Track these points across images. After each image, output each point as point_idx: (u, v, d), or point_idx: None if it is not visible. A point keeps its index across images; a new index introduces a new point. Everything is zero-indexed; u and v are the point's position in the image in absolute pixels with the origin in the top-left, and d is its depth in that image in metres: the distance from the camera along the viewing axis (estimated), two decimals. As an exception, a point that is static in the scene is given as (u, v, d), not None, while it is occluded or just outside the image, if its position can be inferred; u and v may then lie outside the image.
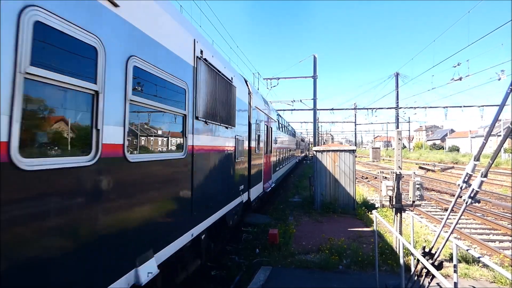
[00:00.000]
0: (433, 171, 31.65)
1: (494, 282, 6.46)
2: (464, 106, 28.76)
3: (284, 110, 27.65)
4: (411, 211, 7.00)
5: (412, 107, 31.52)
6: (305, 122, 56.26)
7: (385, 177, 11.18)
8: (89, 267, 2.44)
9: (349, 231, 9.66)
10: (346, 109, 35.35)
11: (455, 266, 3.90)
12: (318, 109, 22.22)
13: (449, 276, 6.29)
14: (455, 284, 3.73)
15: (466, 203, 3.58)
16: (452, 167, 35.16)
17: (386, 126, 64.00)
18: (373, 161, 49.77)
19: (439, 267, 4.02)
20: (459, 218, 3.88)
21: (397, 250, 7.37)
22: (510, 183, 20.40)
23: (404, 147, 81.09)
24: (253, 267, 7.11)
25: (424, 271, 4.40)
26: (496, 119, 3.55)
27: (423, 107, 30.81)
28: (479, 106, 27.81)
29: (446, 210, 13.52)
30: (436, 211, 13.61)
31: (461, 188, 3.73)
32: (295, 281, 6.32)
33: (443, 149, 79.03)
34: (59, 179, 2.15)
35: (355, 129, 54.88)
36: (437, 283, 4.84)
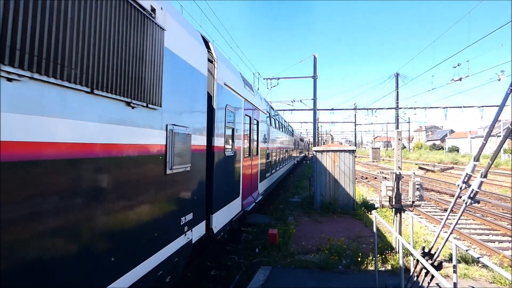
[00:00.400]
0: (432, 171, 31.67)
1: (494, 283, 6.46)
2: (464, 107, 28.76)
3: (284, 110, 27.65)
4: (411, 211, 7.01)
5: (412, 108, 31.51)
6: (305, 122, 56.27)
7: (385, 178, 11.19)
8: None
9: (348, 231, 9.67)
10: (346, 109, 35.37)
11: (454, 266, 3.91)
12: (318, 109, 22.18)
13: (448, 276, 6.30)
14: (455, 284, 3.74)
15: (466, 203, 3.58)
16: (452, 168, 35.19)
17: (386, 126, 64.04)
18: (373, 162, 49.80)
19: (438, 267, 4.03)
20: (459, 219, 3.89)
21: (397, 250, 7.38)
22: (509, 183, 20.41)
23: (404, 147, 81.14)
24: (253, 267, 7.12)
25: (424, 271, 4.41)
26: (496, 119, 3.55)
27: (423, 108, 30.80)
28: (479, 107, 27.81)
29: (445, 210, 13.54)
30: (436, 212, 13.62)
31: (460, 188, 3.73)
32: (295, 281, 6.33)
33: (443, 149, 79.04)
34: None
35: (355, 129, 54.85)
36: (437, 283, 4.85)
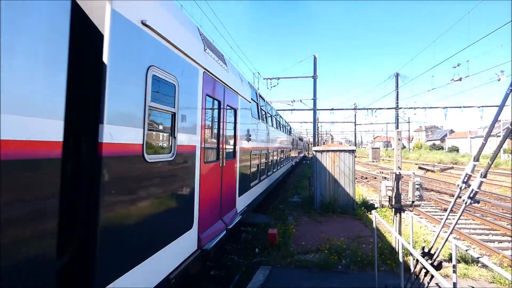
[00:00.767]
0: (432, 171, 31.68)
1: (493, 283, 6.47)
2: (464, 107, 28.75)
3: (284, 110, 27.64)
4: (411, 211, 7.01)
5: (412, 108, 31.51)
6: (305, 122, 56.25)
7: (385, 177, 11.19)
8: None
9: (348, 231, 9.67)
10: (346, 109, 35.35)
11: (454, 266, 3.90)
12: (318, 109, 22.18)
13: (448, 276, 6.30)
14: (454, 284, 3.73)
15: (466, 203, 3.58)
16: (452, 168, 35.19)
17: (386, 126, 64.11)
18: (373, 161, 49.79)
19: (438, 267, 4.03)
20: (459, 219, 3.89)
21: (397, 250, 7.37)
22: (509, 183, 20.42)
23: (404, 147, 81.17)
24: (253, 266, 7.12)
25: (423, 271, 4.41)
26: (496, 119, 3.55)
27: (423, 108, 30.80)
28: (479, 107, 27.80)
29: (445, 210, 13.54)
30: (436, 212, 13.62)
31: (460, 188, 3.74)
32: (294, 281, 6.33)
33: (443, 149, 79.05)
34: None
35: (355, 129, 54.83)
36: (436, 283, 4.84)
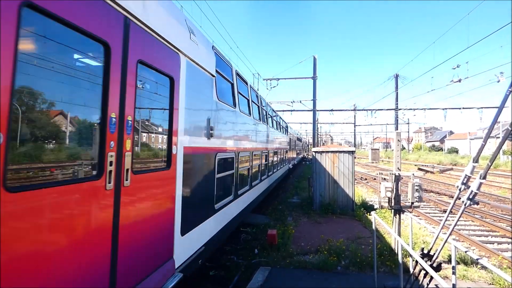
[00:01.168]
0: (432, 172, 31.70)
1: (492, 284, 6.47)
2: (463, 108, 28.78)
3: (284, 110, 27.63)
4: (410, 212, 7.01)
5: (411, 109, 31.56)
6: (305, 123, 56.25)
7: (384, 179, 11.19)
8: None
9: (347, 232, 9.67)
10: (346, 110, 35.36)
11: (453, 267, 3.90)
12: (317, 110, 22.21)
13: (447, 277, 6.30)
14: (454, 285, 3.73)
15: (465, 204, 3.58)
16: (451, 169, 35.21)
17: (385, 127, 64.15)
18: (372, 162, 49.80)
19: (437, 268, 4.03)
20: (458, 220, 3.89)
21: (396, 251, 7.37)
22: (508, 185, 20.44)
23: (403, 148, 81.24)
24: (252, 267, 7.12)
25: (423, 272, 4.41)
26: (495, 121, 3.55)
27: (422, 109, 30.83)
28: (478, 108, 27.84)
29: (444, 211, 13.55)
30: (435, 213, 13.63)
31: (459, 189, 3.74)
32: (294, 281, 6.33)
33: (442, 150, 79.14)
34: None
35: (355, 130, 54.84)
36: (436, 285, 4.84)
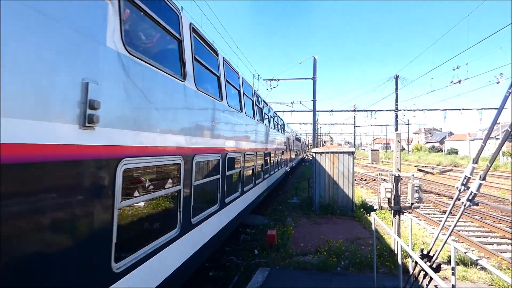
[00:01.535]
0: (431, 173, 31.70)
1: (492, 285, 6.47)
2: (463, 109, 28.82)
3: (284, 111, 27.64)
4: (410, 213, 7.01)
5: (411, 110, 31.58)
6: (304, 123, 56.24)
7: (384, 179, 11.19)
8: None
9: (347, 233, 9.66)
10: (346, 111, 35.33)
11: (453, 268, 3.91)
12: (317, 111, 22.22)
13: (447, 278, 6.30)
14: (453, 286, 3.73)
15: (464, 205, 3.59)
16: (451, 170, 35.22)
17: (385, 128, 64.19)
18: (372, 163, 49.80)
19: (437, 269, 4.03)
20: (457, 221, 3.89)
21: (395, 252, 7.37)
22: (508, 186, 20.46)
23: (403, 149, 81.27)
24: (251, 268, 7.12)
25: (422, 273, 4.41)
26: (495, 122, 3.56)
27: (422, 110, 30.86)
28: (478, 109, 27.87)
29: (444, 212, 13.55)
30: (435, 214, 13.63)
31: (459, 190, 3.74)
32: (293, 282, 6.32)
33: (442, 151, 79.18)
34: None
35: (354, 131, 54.87)
36: (435, 286, 4.84)
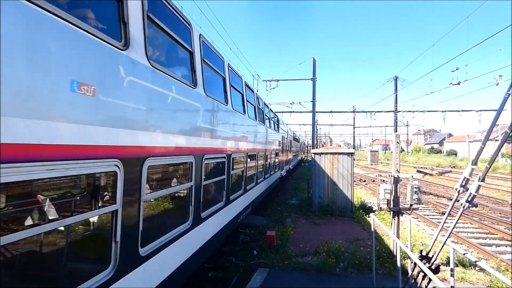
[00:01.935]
0: (431, 175, 31.72)
1: (491, 286, 6.47)
2: (462, 111, 28.85)
3: (283, 112, 27.65)
4: (409, 214, 7.01)
5: (410, 111, 31.60)
6: (304, 124, 56.26)
7: (383, 180, 11.20)
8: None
9: (346, 234, 9.66)
10: (345, 111, 35.29)
11: (452, 270, 3.91)
12: (317, 112, 22.23)
13: (445, 279, 6.30)
14: (452, 287, 3.74)
15: (464, 207, 3.59)
16: (450, 171, 35.25)
17: (384, 129, 64.28)
18: (371, 164, 49.81)
19: (436, 270, 4.03)
20: (456, 222, 3.90)
21: (395, 253, 7.37)
22: (507, 187, 20.49)
23: (402, 150, 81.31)
24: (251, 268, 7.11)
25: (421, 274, 4.41)
26: (494, 123, 3.57)
27: (421, 111, 30.89)
28: (477, 111, 27.92)
29: (443, 214, 13.56)
30: (434, 215, 13.64)
31: (458, 192, 3.75)
32: (292, 283, 6.32)
33: (441, 153, 79.23)
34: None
35: (354, 132, 54.92)
36: (434, 287, 4.85)
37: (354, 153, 13.50)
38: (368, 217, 11.33)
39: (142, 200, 3.24)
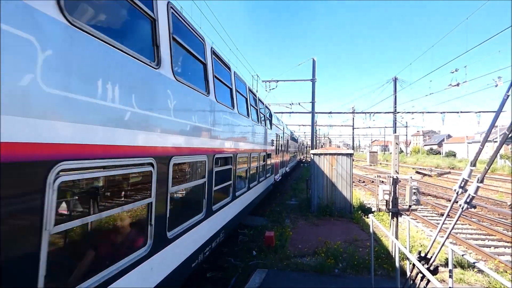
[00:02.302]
0: (429, 176, 31.76)
1: (489, 288, 6.48)
2: (461, 112, 28.90)
3: (283, 112, 27.66)
4: (408, 215, 7.02)
5: (409, 112, 31.64)
6: (303, 125, 56.31)
7: (382, 181, 11.20)
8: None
9: (345, 235, 9.66)
10: (344, 112, 35.32)
11: (450, 271, 3.91)
12: (316, 112, 22.23)
13: (444, 281, 6.31)
14: (450, 289, 3.74)
15: (462, 208, 3.59)
16: (449, 172, 35.31)
17: (383, 130, 64.33)
18: (370, 165, 49.88)
19: (434, 271, 4.03)
20: (455, 223, 3.89)
21: (393, 254, 7.38)
22: (505, 188, 20.52)
23: (401, 151, 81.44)
24: (249, 269, 7.10)
25: (420, 275, 4.41)
26: (493, 125, 3.57)
27: (420, 112, 30.93)
28: (476, 112, 27.98)
29: (442, 215, 13.57)
30: (432, 216, 13.64)
31: (457, 193, 3.74)
32: (291, 284, 6.31)
33: (440, 154, 79.38)
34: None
35: (353, 133, 54.98)
36: (432, 288, 4.85)
37: (353, 154, 13.51)
38: (367, 218, 11.34)
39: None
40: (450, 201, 11.45)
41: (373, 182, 25.30)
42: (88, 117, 2.49)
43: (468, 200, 3.52)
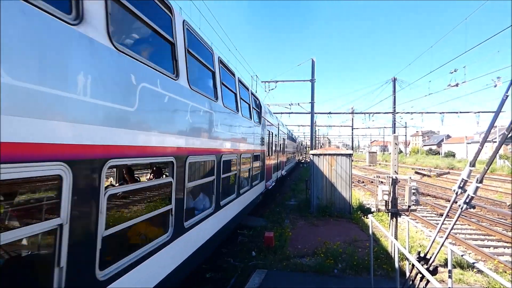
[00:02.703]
0: (429, 176, 31.79)
1: (488, 288, 6.48)
2: (461, 112, 28.95)
3: (282, 113, 27.66)
4: (407, 216, 7.03)
5: (409, 112, 31.67)
6: (303, 125, 56.32)
7: (381, 182, 11.22)
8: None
9: (344, 235, 9.66)
10: (344, 113, 35.33)
11: (449, 271, 3.91)
12: (315, 113, 22.21)
13: (443, 281, 6.31)
14: (450, 289, 3.73)
15: (461, 208, 3.59)
16: (448, 173, 35.35)
17: (383, 130, 64.35)
18: (370, 166, 49.92)
19: (433, 272, 4.03)
20: (454, 224, 3.89)
21: (392, 254, 7.38)
22: (505, 189, 20.54)
23: (401, 152, 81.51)
24: (249, 269, 7.09)
25: (419, 276, 4.40)
26: (492, 125, 3.57)
27: (419, 113, 30.96)
28: (475, 112, 28.01)
29: (441, 215, 13.58)
30: (432, 216, 13.65)
31: (456, 193, 3.74)
32: (290, 284, 6.31)
33: (439, 154, 79.46)
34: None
35: (352, 133, 55.01)
36: (432, 288, 4.85)
37: (352, 154, 13.52)
38: (366, 218, 11.34)
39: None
40: (449, 201, 11.46)
41: (372, 182, 25.31)
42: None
43: (467, 201, 3.52)
